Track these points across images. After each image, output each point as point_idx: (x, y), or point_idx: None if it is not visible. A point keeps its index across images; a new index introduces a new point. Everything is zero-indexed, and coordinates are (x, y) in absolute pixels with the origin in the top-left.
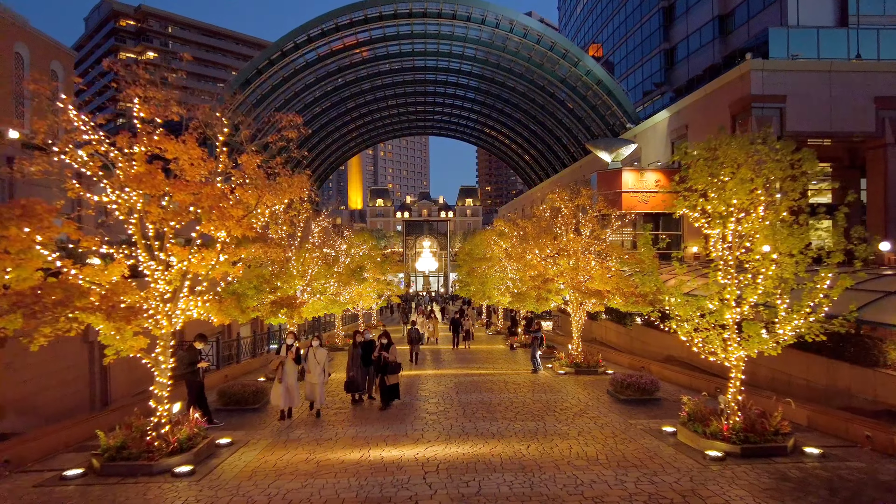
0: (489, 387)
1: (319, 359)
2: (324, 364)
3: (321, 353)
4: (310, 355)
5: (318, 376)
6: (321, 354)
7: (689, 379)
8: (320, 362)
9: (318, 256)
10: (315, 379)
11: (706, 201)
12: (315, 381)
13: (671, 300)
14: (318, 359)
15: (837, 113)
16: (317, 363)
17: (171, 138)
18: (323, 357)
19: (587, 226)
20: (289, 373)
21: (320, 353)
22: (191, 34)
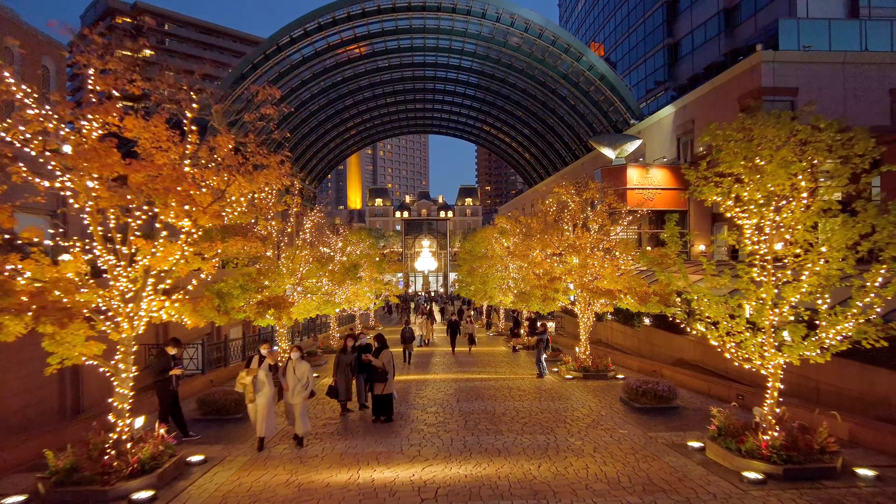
0: (492, 394)
1: (300, 374)
2: (305, 380)
3: (302, 366)
4: (288, 370)
5: (298, 396)
6: (302, 369)
7: (707, 385)
8: (301, 378)
9: (310, 253)
10: (294, 399)
11: (741, 186)
12: (294, 402)
13: (700, 300)
14: (298, 374)
15: (851, 106)
16: (296, 380)
17: (132, 114)
18: (304, 372)
19: (596, 221)
20: (261, 391)
21: (301, 367)
22: (187, 31)
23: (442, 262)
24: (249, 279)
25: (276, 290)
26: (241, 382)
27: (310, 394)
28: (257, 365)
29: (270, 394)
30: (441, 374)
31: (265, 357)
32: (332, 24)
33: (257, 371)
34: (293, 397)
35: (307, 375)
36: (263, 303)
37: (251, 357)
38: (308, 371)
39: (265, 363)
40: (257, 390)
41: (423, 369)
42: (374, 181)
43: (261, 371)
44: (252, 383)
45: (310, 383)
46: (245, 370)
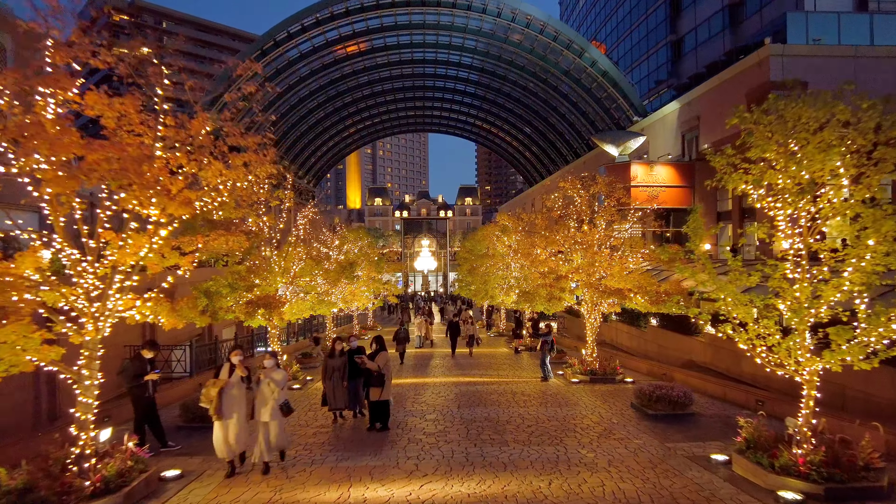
0: (495, 399)
1: (276, 385)
2: (281, 393)
3: (278, 376)
4: (261, 381)
5: (274, 412)
6: (278, 379)
7: (723, 389)
8: (275, 391)
9: (303, 250)
10: (267, 416)
11: (774, 173)
12: (268, 420)
13: (727, 300)
14: (274, 386)
15: None
16: (271, 393)
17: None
18: (280, 380)
19: (603, 216)
20: (231, 405)
21: (277, 376)
22: (186, 29)
23: (441, 261)
24: (239, 278)
25: (267, 289)
26: (206, 396)
27: (285, 409)
28: (227, 375)
29: (244, 412)
30: (440, 377)
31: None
32: (330, 19)
33: (226, 382)
34: (267, 414)
35: (283, 388)
36: (253, 302)
37: (220, 366)
38: (283, 381)
39: (236, 374)
40: (226, 406)
41: (421, 372)
42: (374, 180)
43: (232, 383)
44: (219, 397)
45: (284, 397)
46: (212, 381)
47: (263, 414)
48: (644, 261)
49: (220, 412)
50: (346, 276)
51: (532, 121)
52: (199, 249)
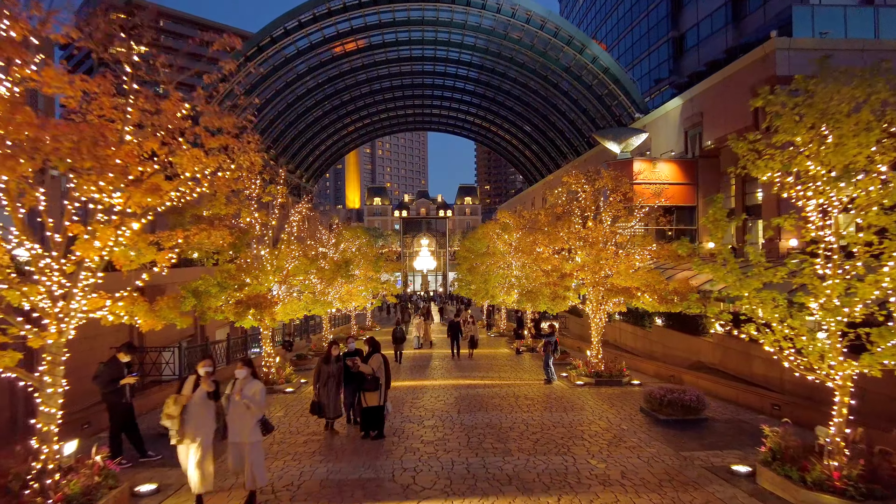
0: (497, 403)
1: (251, 401)
2: (256, 409)
3: (252, 389)
4: (233, 397)
5: (250, 432)
6: (252, 392)
7: (735, 392)
8: (251, 407)
9: (297, 248)
10: (242, 436)
11: (805, 158)
12: (242, 441)
13: (751, 299)
14: (249, 400)
15: None
16: (245, 409)
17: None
18: (256, 394)
19: (609, 212)
20: (197, 425)
21: (251, 389)
22: (184, 28)
23: (441, 261)
24: (228, 276)
25: (258, 288)
26: (167, 414)
27: (264, 427)
28: (191, 389)
29: (211, 431)
30: (440, 379)
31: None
32: (327, 15)
33: (190, 397)
34: (240, 433)
35: (259, 402)
36: (243, 302)
37: (184, 378)
38: (260, 395)
39: (202, 388)
40: (190, 426)
41: (420, 374)
42: (373, 180)
43: (197, 399)
44: (181, 416)
45: (262, 413)
46: (173, 396)
47: (235, 434)
48: (651, 258)
49: (183, 433)
50: (342, 274)
51: (532, 119)
52: (178, 245)
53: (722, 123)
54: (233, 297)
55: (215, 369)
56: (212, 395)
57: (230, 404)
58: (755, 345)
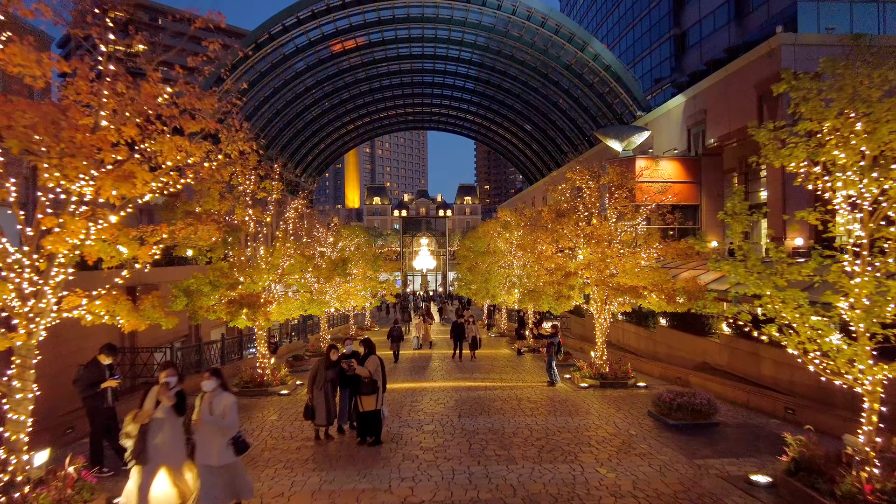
0: (499, 406)
1: (219, 416)
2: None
3: (223, 402)
4: (202, 408)
5: (219, 453)
6: (223, 406)
7: (746, 395)
8: (221, 423)
9: (293, 246)
10: (211, 457)
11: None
12: (212, 463)
13: (773, 298)
14: (217, 415)
15: None
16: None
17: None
18: (227, 409)
19: (615, 208)
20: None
21: (221, 402)
22: (181, 26)
23: (441, 260)
24: (221, 274)
25: (252, 286)
26: (126, 433)
27: (237, 447)
28: (153, 404)
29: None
30: (440, 381)
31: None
32: (326, 11)
33: (152, 413)
34: (208, 455)
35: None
36: (235, 301)
37: (146, 391)
38: (231, 410)
39: (164, 403)
40: (154, 448)
41: (419, 375)
42: (373, 180)
43: (160, 416)
44: (141, 436)
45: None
46: (132, 413)
47: (206, 454)
48: (658, 256)
49: (144, 456)
50: (339, 273)
51: (532, 117)
52: (163, 241)
53: (726, 121)
54: (226, 297)
55: (181, 378)
56: (176, 408)
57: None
58: (764, 346)
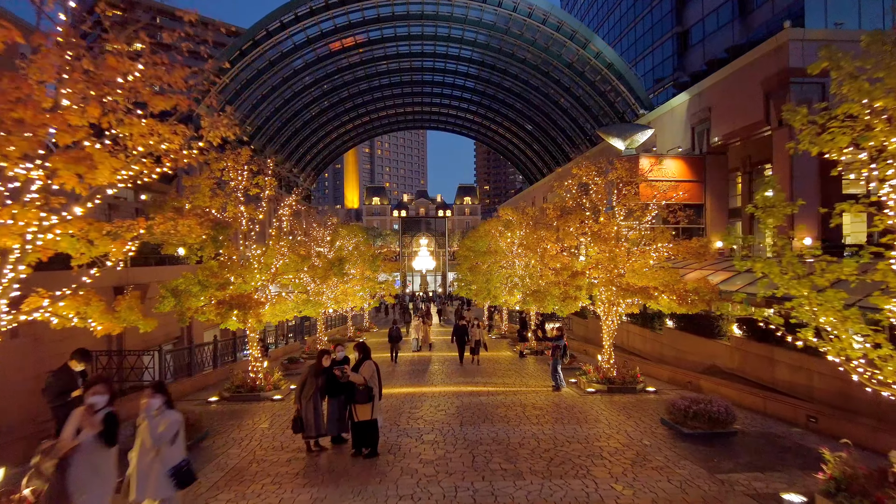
0: (502, 413)
1: (158, 441)
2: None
3: (164, 422)
4: (139, 434)
5: (159, 486)
6: (162, 429)
7: (762, 401)
8: (161, 449)
9: (287, 244)
10: (146, 491)
11: (886, 130)
12: (152, 499)
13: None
14: (156, 441)
15: None
16: (154, 454)
17: None
18: (167, 432)
19: (624, 205)
20: (87, 482)
21: (162, 423)
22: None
23: (440, 261)
24: (210, 274)
25: (243, 287)
26: (36, 471)
27: (180, 478)
28: (73, 432)
29: (104, 493)
30: (440, 385)
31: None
32: (325, 8)
33: (74, 446)
34: (145, 488)
35: (171, 442)
36: (225, 302)
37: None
38: (170, 430)
39: (86, 431)
40: (77, 484)
41: (419, 379)
42: (372, 180)
43: (85, 446)
44: (59, 473)
45: (179, 457)
46: (45, 444)
47: (142, 489)
48: (669, 255)
49: (64, 497)
50: (336, 273)
51: (533, 116)
52: (140, 236)
53: (731, 119)
54: (215, 297)
55: (113, 398)
56: (104, 437)
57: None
58: (779, 349)
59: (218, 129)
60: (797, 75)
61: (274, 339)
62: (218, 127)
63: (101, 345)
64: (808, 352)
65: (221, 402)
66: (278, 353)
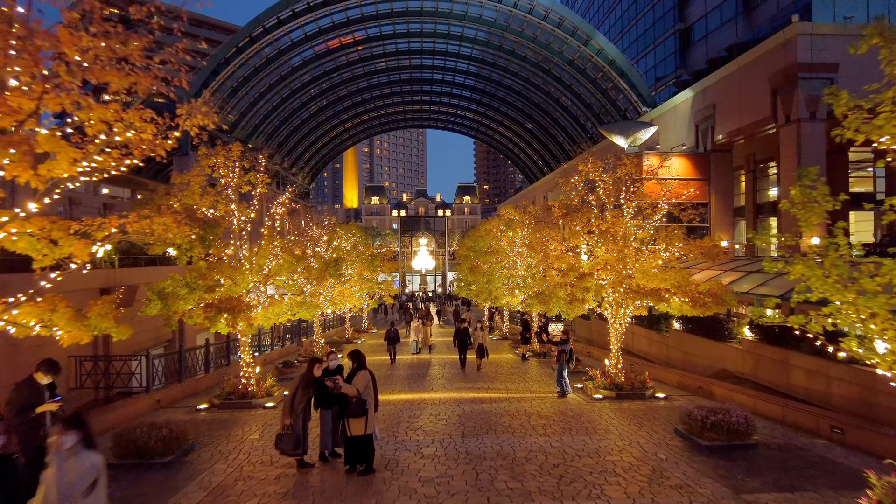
0: (507, 423)
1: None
2: None
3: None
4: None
5: None
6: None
7: (780, 409)
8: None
9: (280, 244)
10: None
11: None
12: None
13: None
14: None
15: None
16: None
17: None
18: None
19: (631, 203)
20: None
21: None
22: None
23: (440, 261)
24: (198, 276)
25: (234, 289)
26: None
27: None
28: None
29: None
30: (440, 391)
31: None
32: (322, 5)
33: None
34: None
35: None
36: (213, 305)
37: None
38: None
39: None
40: None
41: (418, 385)
42: (371, 179)
43: None
44: None
45: None
46: None
47: None
48: (679, 255)
49: None
50: (332, 274)
51: (533, 115)
52: (113, 236)
53: (736, 116)
54: (204, 300)
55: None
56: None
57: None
58: (795, 353)
59: (195, 117)
60: (806, 70)
61: (270, 340)
62: (195, 114)
63: (86, 350)
64: (826, 356)
65: (211, 410)
66: (274, 355)
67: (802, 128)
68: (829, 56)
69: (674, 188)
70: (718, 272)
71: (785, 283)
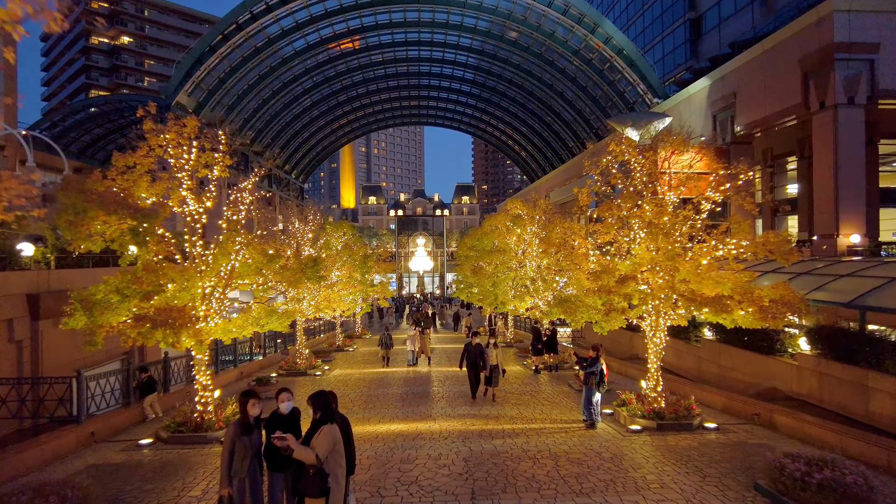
0: (528, 472)
1: None
2: None
3: None
4: None
5: None
6: None
7: (886, 453)
8: None
9: (245, 239)
10: None
11: None
12: None
13: None
14: None
15: None
16: None
17: None
18: None
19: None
20: None
21: None
22: (169, 18)
23: (438, 261)
24: (133, 279)
25: (181, 296)
26: None
27: None
28: None
29: None
30: (441, 419)
31: None
32: None
33: None
34: None
35: None
36: (146, 318)
37: None
38: None
39: None
40: None
41: (414, 408)
42: (368, 179)
43: None
44: None
45: None
46: None
47: None
48: (745, 254)
49: None
50: (309, 276)
51: (535, 110)
52: None
53: (760, 104)
54: (140, 309)
55: None
56: None
57: None
58: (875, 373)
59: None
60: (842, 50)
61: (249, 349)
62: None
63: (8, 370)
64: None
65: (156, 446)
66: (253, 367)
67: (840, 114)
68: (869, 35)
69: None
70: (757, 275)
71: (848, 288)
